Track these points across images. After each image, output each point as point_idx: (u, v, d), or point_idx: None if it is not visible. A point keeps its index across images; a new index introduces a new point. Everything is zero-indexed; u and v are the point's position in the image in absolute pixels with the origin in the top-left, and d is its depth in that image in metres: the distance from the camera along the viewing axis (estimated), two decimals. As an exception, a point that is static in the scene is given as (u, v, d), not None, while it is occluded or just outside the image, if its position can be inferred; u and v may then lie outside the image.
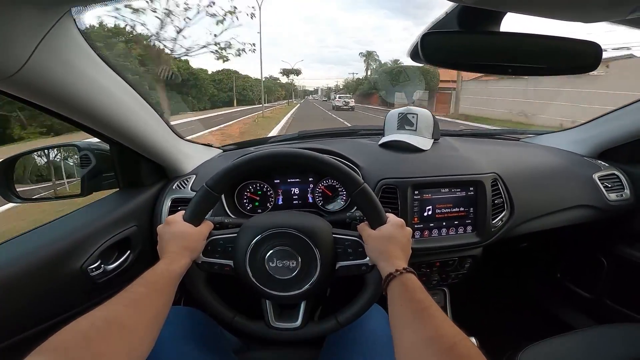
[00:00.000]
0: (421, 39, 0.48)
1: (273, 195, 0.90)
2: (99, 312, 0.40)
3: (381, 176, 0.85)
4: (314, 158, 0.60)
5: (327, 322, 0.61)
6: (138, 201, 0.82)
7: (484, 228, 0.87)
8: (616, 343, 0.77)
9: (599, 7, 0.40)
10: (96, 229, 0.70)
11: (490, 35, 0.49)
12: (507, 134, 1.34)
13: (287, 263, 0.57)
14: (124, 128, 0.67)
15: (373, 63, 48.22)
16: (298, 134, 1.21)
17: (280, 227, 0.58)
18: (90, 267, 0.66)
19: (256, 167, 0.61)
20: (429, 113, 1.00)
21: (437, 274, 0.95)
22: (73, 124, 0.62)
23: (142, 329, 0.42)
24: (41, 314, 0.61)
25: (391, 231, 0.57)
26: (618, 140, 1.08)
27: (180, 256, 0.53)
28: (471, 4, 0.42)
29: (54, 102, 0.53)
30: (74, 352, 0.34)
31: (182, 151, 0.91)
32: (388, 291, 0.50)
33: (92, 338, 0.36)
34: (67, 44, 0.48)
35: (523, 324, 1.28)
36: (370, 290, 0.59)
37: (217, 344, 0.70)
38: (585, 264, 1.24)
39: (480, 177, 0.87)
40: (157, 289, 0.47)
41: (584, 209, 1.00)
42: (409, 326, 0.43)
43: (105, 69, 0.58)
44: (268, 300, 0.61)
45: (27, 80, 0.45)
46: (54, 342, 0.34)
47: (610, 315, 1.13)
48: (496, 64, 0.49)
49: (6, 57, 0.41)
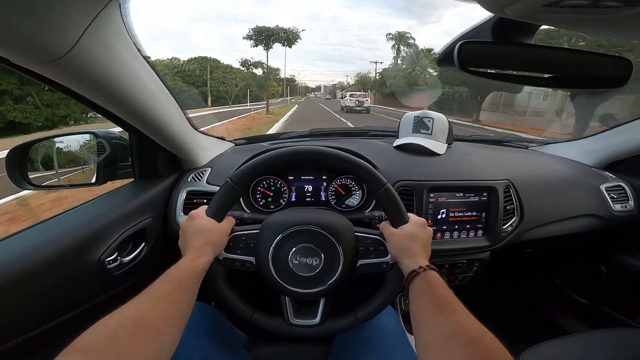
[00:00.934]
0: (458, 46, 0.48)
1: (287, 192, 0.90)
2: (125, 310, 0.40)
3: (398, 177, 0.86)
4: (340, 157, 0.61)
5: (345, 318, 0.61)
6: (153, 192, 0.82)
7: (494, 233, 0.89)
8: (614, 347, 0.79)
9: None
10: (114, 220, 0.70)
11: (526, 47, 0.49)
12: (516, 142, 1.36)
13: (310, 260, 0.58)
14: (149, 117, 0.67)
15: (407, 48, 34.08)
16: (310, 131, 1.22)
17: (304, 225, 0.59)
18: (108, 259, 0.66)
19: (281, 164, 0.61)
20: (445, 117, 1.01)
21: (445, 276, 0.97)
22: (99, 110, 0.62)
23: (168, 326, 0.42)
24: (61, 306, 0.61)
25: (413, 230, 0.58)
26: (625, 153, 1.10)
27: (203, 252, 0.53)
28: (514, 17, 0.42)
29: (91, 88, 0.53)
30: (103, 352, 0.34)
31: (198, 143, 0.91)
32: (411, 287, 0.51)
33: (120, 337, 0.36)
34: (112, 30, 0.47)
35: (522, 328, 1.31)
36: (390, 287, 0.60)
37: (228, 339, 0.70)
38: (584, 271, 1.26)
39: (494, 183, 0.89)
40: (181, 286, 0.47)
41: (590, 218, 1.02)
42: (432, 320, 0.44)
43: (140, 59, 0.57)
44: (287, 297, 0.62)
45: (72, 64, 0.45)
46: (82, 342, 0.34)
47: (607, 322, 1.16)
48: (530, 75, 0.50)
49: (59, 38, 0.40)
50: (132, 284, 0.74)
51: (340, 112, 19.59)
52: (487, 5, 0.41)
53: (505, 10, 0.40)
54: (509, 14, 0.41)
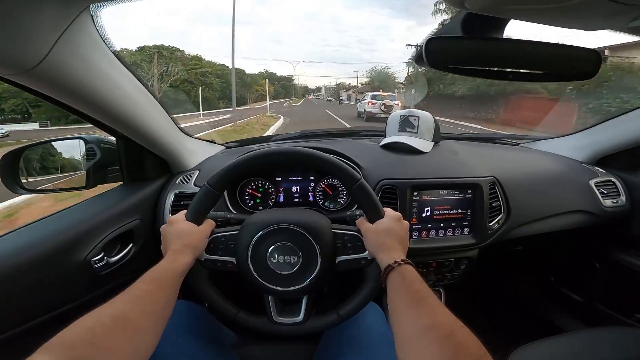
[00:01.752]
0: (425, 43, 0.49)
1: (274, 193, 0.92)
2: (104, 309, 0.40)
3: (381, 177, 0.87)
4: (312, 155, 0.61)
5: (328, 316, 0.62)
6: (142, 195, 0.83)
7: (480, 230, 0.89)
8: (606, 346, 0.78)
9: (600, 16, 0.41)
10: (100, 221, 0.71)
11: (493, 41, 0.50)
12: (507, 139, 1.36)
13: (288, 258, 0.58)
14: (132, 122, 0.68)
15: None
16: (300, 132, 1.23)
17: (281, 224, 0.59)
18: (94, 259, 0.68)
19: (256, 166, 0.62)
20: (430, 116, 1.02)
21: (434, 275, 0.97)
22: (83, 117, 0.63)
23: (147, 325, 0.43)
24: (45, 305, 0.62)
25: (389, 224, 0.58)
26: (615, 148, 1.10)
27: (183, 254, 0.54)
28: (476, 11, 0.43)
29: (69, 96, 0.55)
30: (80, 348, 0.35)
31: (186, 147, 0.92)
32: (387, 282, 0.51)
33: (98, 334, 0.36)
34: (85, 40, 0.49)
35: (515, 327, 1.30)
36: (370, 284, 0.60)
37: (216, 339, 0.71)
38: (579, 268, 1.25)
39: (478, 180, 0.89)
40: (160, 287, 0.48)
41: (579, 214, 1.02)
42: (407, 316, 0.44)
43: (118, 66, 0.59)
44: (270, 296, 0.63)
45: (46, 74, 0.46)
46: (60, 339, 0.35)
47: (601, 319, 1.15)
48: (498, 70, 0.51)
49: (28, 50, 0.42)
50: (120, 284, 0.75)
51: (353, 120, 13.99)
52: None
53: (465, 4, 0.41)
54: (470, 7, 0.42)
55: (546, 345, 0.76)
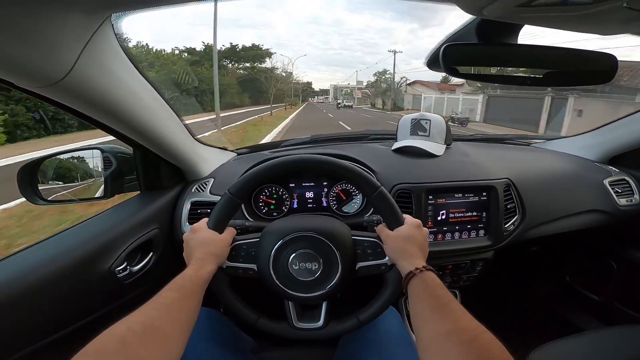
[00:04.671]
0: (443, 49, 0.50)
1: (288, 199, 0.92)
2: (134, 317, 0.41)
3: (396, 181, 0.87)
4: (332, 163, 0.62)
5: (348, 321, 0.62)
6: (159, 204, 0.85)
7: (496, 232, 0.88)
8: (625, 344, 0.77)
9: (617, 22, 0.41)
10: (122, 231, 0.73)
11: (509, 47, 0.51)
12: (518, 139, 1.36)
13: (309, 265, 0.59)
14: (150, 132, 0.69)
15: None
16: (310, 137, 1.24)
17: (301, 231, 0.60)
18: (118, 269, 0.69)
19: (276, 174, 0.63)
20: (442, 119, 1.02)
21: (450, 276, 0.97)
22: (102, 127, 0.65)
23: (175, 332, 0.43)
24: (75, 314, 0.64)
25: (409, 231, 0.58)
26: (628, 146, 1.09)
27: (207, 262, 0.55)
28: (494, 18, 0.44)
29: (92, 107, 0.55)
30: (113, 356, 0.35)
31: (199, 154, 0.93)
32: (408, 289, 0.51)
33: (129, 342, 0.37)
34: (107, 50, 0.49)
35: (533, 326, 1.28)
36: (390, 289, 0.61)
37: (235, 344, 0.72)
38: (595, 268, 1.24)
39: (493, 182, 0.89)
40: (187, 294, 0.49)
41: (594, 213, 1.01)
42: (430, 321, 0.45)
43: (137, 75, 0.60)
44: (290, 302, 0.63)
45: (72, 86, 0.47)
46: (93, 347, 0.36)
47: (619, 318, 1.14)
48: (515, 75, 0.51)
49: (56, 62, 0.42)
50: (142, 292, 0.76)
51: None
52: (465, 7, 0.43)
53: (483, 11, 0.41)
54: (487, 15, 0.42)
55: (566, 343, 0.76)
